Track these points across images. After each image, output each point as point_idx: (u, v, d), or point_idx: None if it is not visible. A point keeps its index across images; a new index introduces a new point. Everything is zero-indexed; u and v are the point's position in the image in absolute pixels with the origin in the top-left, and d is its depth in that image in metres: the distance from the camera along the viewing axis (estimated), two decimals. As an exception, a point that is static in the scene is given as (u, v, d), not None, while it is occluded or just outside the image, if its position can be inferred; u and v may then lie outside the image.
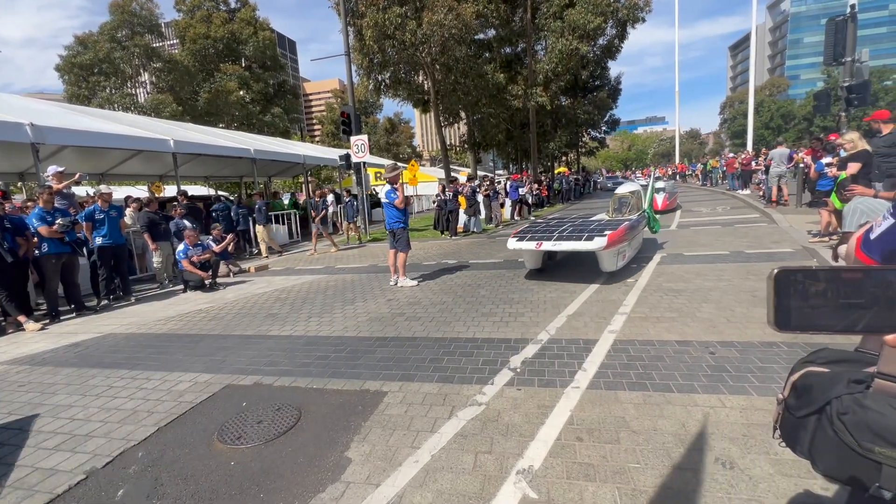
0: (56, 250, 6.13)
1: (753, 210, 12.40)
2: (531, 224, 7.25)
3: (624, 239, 5.89)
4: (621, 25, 21.68)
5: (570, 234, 5.86)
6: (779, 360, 3.19)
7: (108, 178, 14.14)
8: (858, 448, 0.82)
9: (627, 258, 6.34)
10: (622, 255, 6.06)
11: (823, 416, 0.89)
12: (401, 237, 6.71)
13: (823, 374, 0.96)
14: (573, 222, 6.87)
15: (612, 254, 5.74)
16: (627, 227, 6.04)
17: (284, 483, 2.29)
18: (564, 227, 6.43)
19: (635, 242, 6.84)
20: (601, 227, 6.08)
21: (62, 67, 32.90)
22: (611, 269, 5.91)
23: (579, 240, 5.59)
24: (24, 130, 7.09)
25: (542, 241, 5.82)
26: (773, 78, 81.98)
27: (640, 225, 7.02)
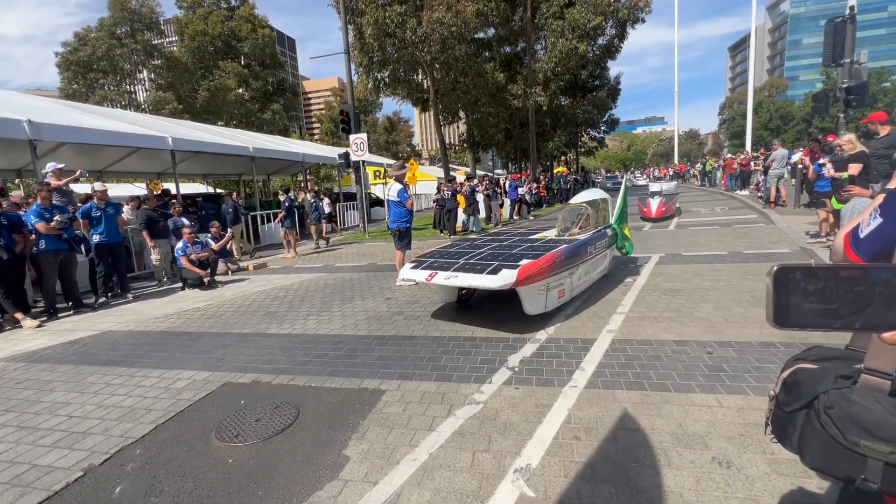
0: (54, 247, 6.12)
1: (752, 210, 12.44)
2: (451, 244, 5.68)
3: (552, 270, 4.31)
4: (621, 25, 21.71)
5: (479, 262, 4.43)
6: (776, 360, 3.21)
7: (106, 176, 14.11)
8: (844, 441, 0.84)
9: (569, 294, 4.75)
10: (558, 291, 4.52)
11: (811, 410, 0.92)
12: (405, 236, 6.72)
13: (812, 370, 0.98)
14: (503, 241, 5.54)
15: (534, 291, 4.21)
16: (561, 254, 4.48)
17: (282, 481, 2.29)
18: (483, 250, 5.01)
19: (588, 269, 5.17)
20: (525, 252, 4.67)
21: (61, 64, 32.80)
22: (534, 311, 4.32)
23: (482, 271, 4.11)
24: (22, 127, 7.06)
25: (437, 271, 4.35)
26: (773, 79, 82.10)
27: (594, 246, 5.22)
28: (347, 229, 16.48)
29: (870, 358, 0.86)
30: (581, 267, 4.91)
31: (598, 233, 5.56)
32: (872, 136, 6.44)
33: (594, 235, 5.42)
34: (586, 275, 5.16)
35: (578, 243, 4.94)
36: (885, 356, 0.84)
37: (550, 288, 4.38)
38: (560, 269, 4.42)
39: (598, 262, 5.47)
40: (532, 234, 6.12)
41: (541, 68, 21.14)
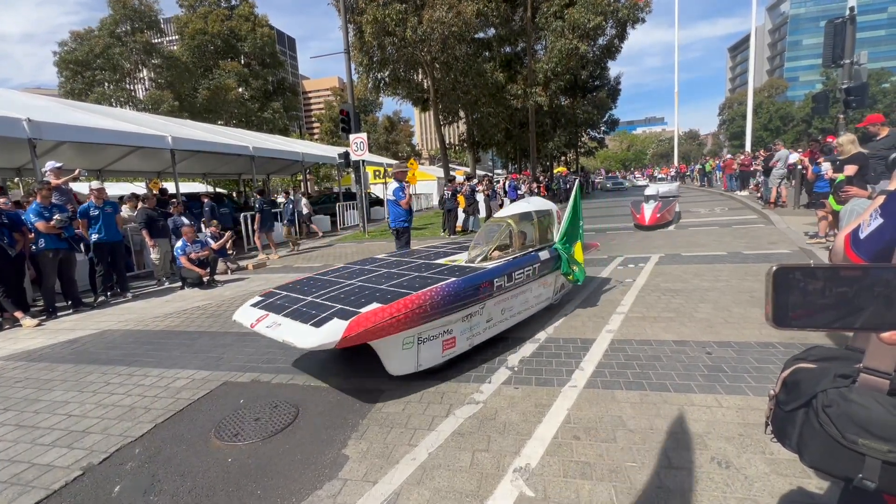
0: (53, 246, 6.11)
1: (751, 211, 12.44)
2: (329, 270, 4.66)
3: (422, 316, 3.10)
4: (621, 25, 21.70)
5: (325, 302, 3.34)
6: (775, 360, 3.21)
7: (105, 175, 14.11)
8: (843, 440, 0.85)
9: (468, 342, 3.57)
10: (442, 342, 3.34)
11: (810, 409, 0.92)
12: (404, 236, 6.72)
13: (812, 369, 0.99)
14: (402, 265, 4.33)
15: (394, 345, 3.07)
16: (441, 293, 3.25)
17: (282, 480, 2.29)
18: (355, 281, 3.86)
19: (508, 305, 3.96)
20: (411, 284, 3.53)
21: (59, 63, 32.77)
22: (399, 370, 3.18)
23: (309, 320, 3.02)
24: (22, 126, 7.05)
25: (269, 314, 3.34)
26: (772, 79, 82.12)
27: (514, 275, 3.91)
28: (347, 228, 16.48)
29: (868, 357, 0.86)
30: (490, 305, 3.69)
31: (523, 257, 4.19)
32: (872, 137, 6.45)
33: (517, 261, 4.09)
34: (504, 313, 3.92)
35: (481, 274, 3.65)
36: (884, 355, 0.84)
37: (425, 339, 3.21)
38: (440, 312, 3.20)
39: (528, 294, 4.23)
40: (453, 253, 4.88)
41: (541, 68, 21.14)
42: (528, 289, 4.18)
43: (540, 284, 4.41)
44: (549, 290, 4.65)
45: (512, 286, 3.89)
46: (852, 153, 5.99)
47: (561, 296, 4.95)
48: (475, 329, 3.63)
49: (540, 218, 4.81)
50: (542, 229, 4.77)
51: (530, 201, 5.30)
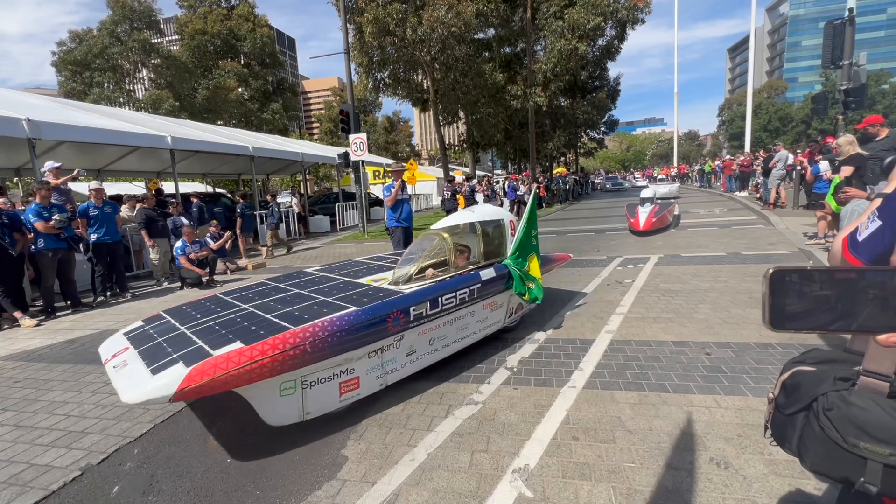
0: (52, 246, 6.11)
1: (751, 212, 12.45)
2: (227, 292, 3.91)
3: (299, 359, 2.52)
4: (621, 26, 21.75)
5: (176, 341, 2.71)
6: (774, 360, 3.21)
7: (105, 174, 14.10)
8: (844, 443, 0.84)
9: (380, 381, 2.99)
10: (339, 384, 2.77)
11: (810, 412, 0.92)
12: (394, 234, 6.73)
13: (811, 372, 0.98)
14: (316, 286, 3.70)
15: (269, 391, 2.52)
16: (328, 328, 2.66)
17: (280, 481, 2.29)
18: (245, 307, 3.25)
19: (441, 333, 3.36)
20: (313, 311, 2.93)
21: (57, 63, 32.75)
22: (277, 420, 2.60)
23: (152, 363, 2.43)
24: (21, 125, 7.04)
25: (129, 348, 2.76)
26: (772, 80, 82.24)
27: (447, 298, 3.31)
28: (347, 229, 16.47)
29: (868, 360, 0.86)
30: (412, 335, 3.10)
31: (458, 278, 3.52)
32: (871, 138, 6.46)
33: (449, 282, 3.43)
34: (434, 343, 3.30)
35: (391, 302, 3.00)
36: (884, 358, 0.84)
37: (313, 382, 2.62)
38: (330, 351, 2.61)
39: (469, 319, 3.57)
40: (383, 269, 4.24)
41: (540, 69, 21.17)
42: (467, 313, 3.55)
43: (485, 307, 3.74)
44: (500, 313, 3.97)
45: (441, 313, 3.27)
46: (850, 154, 6.00)
47: (519, 317, 4.34)
48: (390, 365, 3.02)
49: (486, 230, 4.14)
50: (490, 243, 4.11)
51: (476, 210, 4.42)
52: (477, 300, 3.59)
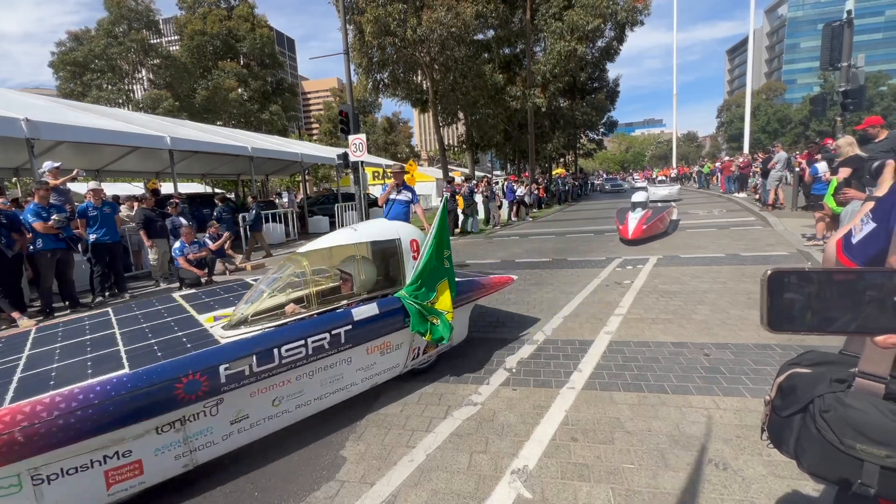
0: (51, 246, 6.09)
1: (749, 213, 12.47)
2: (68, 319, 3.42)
3: (19, 446, 1.80)
4: (620, 27, 21.78)
5: None
6: (772, 362, 3.22)
7: (103, 175, 14.09)
8: (841, 445, 0.84)
9: (165, 469, 2.20)
10: (90, 479, 2.00)
11: (807, 414, 0.92)
12: None
13: (807, 374, 0.98)
14: (92, 335, 2.85)
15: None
16: (65, 404, 1.94)
17: (279, 482, 2.29)
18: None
19: (294, 389, 2.63)
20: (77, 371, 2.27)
21: (56, 64, 32.70)
22: None
23: None
24: (20, 125, 7.03)
25: None
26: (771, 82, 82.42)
27: (269, 352, 2.46)
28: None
29: (864, 362, 0.86)
30: (238, 398, 2.38)
31: (313, 320, 2.74)
32: (871, 140, 6.47)
33: (302, 326, 2.67)
34: (280, 404, 2.56)
35: (186, 361, 2.27)
36: (879, 360, 0.84)
37: (55, 475, 1.92)
38: (82, 430, 1.93)
39: (341, 369, 2.82)
40: (244, 296, 3.17)
41: (539, 70, 21.20)
42: (337, 361, 2.78)
43: (371, 350, 2.98)
44: (399, 355, 3.18)
45: (282, 368, 2.50)
46: (849, 155, 6.01)
47: (433, 356, 3.55)
48: (201, 439, 2.27)
49: (375, 252, 3.38)
50: (380, 269, 3.36)
51: (361, 227, 3.54)
52: (349, 346, 2.80)
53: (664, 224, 9.81)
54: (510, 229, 13.80)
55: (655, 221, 9.25)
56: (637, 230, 8.91)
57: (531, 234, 12.19)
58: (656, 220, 9.32)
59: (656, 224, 9.30)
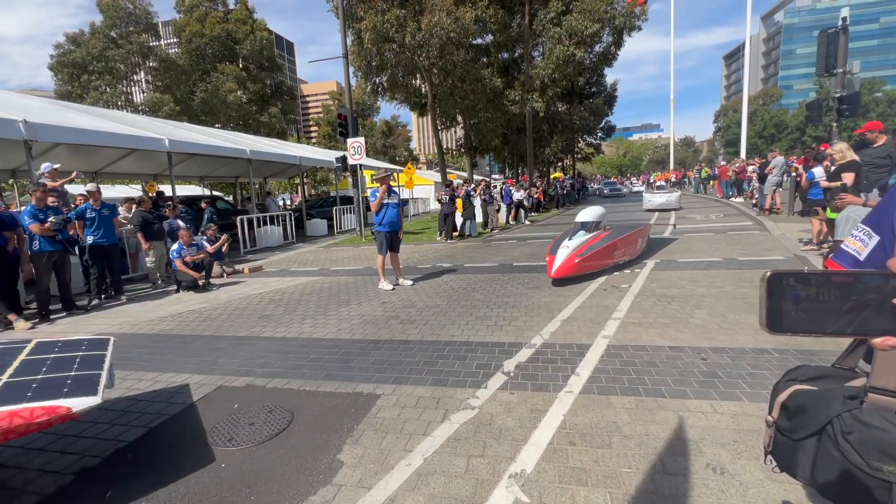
0: (48, 248, 6.07)
1: (746, 218, 12.53)
2: None
3: None
4: (618, 33, 21.93)
5: None
6: (770, 366, 3.22)
7: (101, 177, 14.05)
8: (867, 468, 0.79)
9: None
10: None
11: (825, 436, 0.86)
12: (377, 239, 6.85)
13: (813, 392, 0.93)
14: None
15: None
16: None
17: (275, 485, 2.27)
18: None
19: None
20: None
21: (54, 66, 32.67)
22: None
23: None
24: (17, 127, 7.02)
25: None
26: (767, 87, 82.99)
27: None
28: (344, 232, 16.46)
29: (875, 376, 0.83)
30: None
31: None
32: (867, 144, 6.52)
33: None
34: None
35: None
36: (891, 374, 0.80)
37: None
38: None
39: None
40: None
41: (538, 74, 21.30)
42: None
43: None
44: None
45: None
46: (846, 161, 6.05)
47: None
48: None
49: None
50: None
51: None
52: None
53: (621, 255, 7.02)
54: (508, 233, 13.82)
55: (602, 251, 6.56)
56: (567, 266, 6.17)
57: (529, 237, 12.20)
58: (604, 248, 6.60)
59: (602, 255, 6.58)
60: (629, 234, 7.27)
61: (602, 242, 6.72)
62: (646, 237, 8.25)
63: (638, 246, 7.69)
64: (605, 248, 6.65)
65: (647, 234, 8.33)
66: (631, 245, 7.33)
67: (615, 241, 6.85)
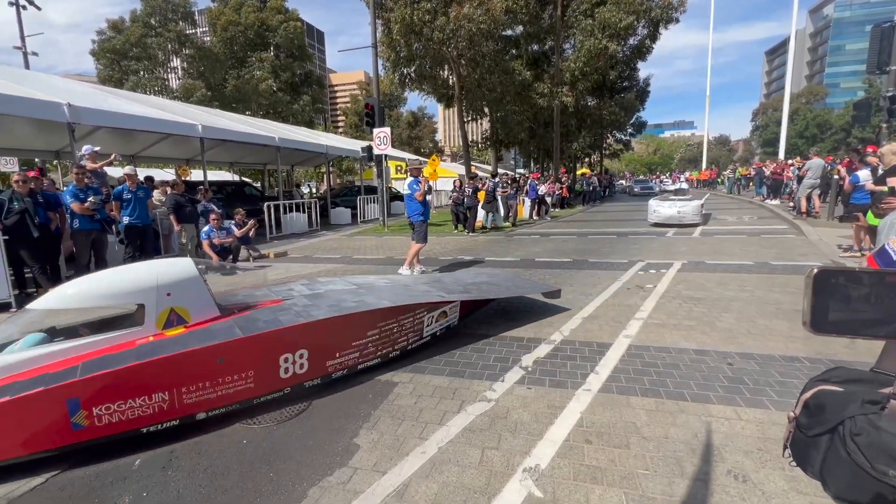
0: (87, 227, 6.37)
1: (782, 221, 12.02)
2: None
3: None
4: (653, 25, 21.20)
5: None
6: (800, 375, 3.10)
7: (137, 160, 14.57)
8: (872, 471, 0.79)
9: None
10: None
11: (836, 436, 0.87)
12: (419, 229, 6.85)
13: (837, 392, 0.93)
14: None
15: None
16: None
17: (294, 464, 2.34)
18: None
19: None
20: None
21: (96, 52, 33.93)
22: None
23: None
24: (62, 110, 7.34)
25: None
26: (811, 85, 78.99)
27: None
28: (367, 222, 16.63)
29: None
30: None
31: None
32: None
33: None
34: None
35: None
36: None
37: None
38: None
39: None
40: None
41: (568, 67, 20.85)
42: None
43: None
44: None
45: None
46: (893, 164, 5.72)
47: None
48: None
49: None
50: None
51: None
52: None
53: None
54: (530, 228, 13.68)
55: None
56: None
57: (552, 233, 12.05)
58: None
59: None
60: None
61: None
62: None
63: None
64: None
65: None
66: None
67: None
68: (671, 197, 14.38)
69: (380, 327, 3.34)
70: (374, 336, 3.34)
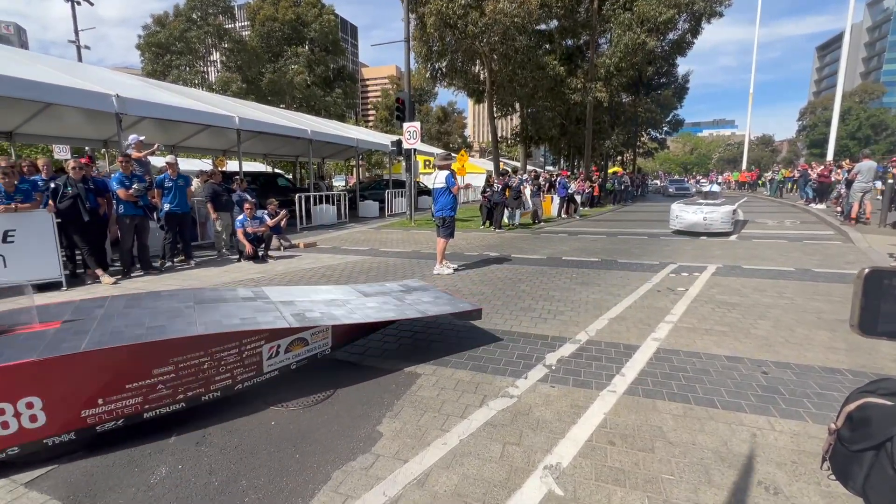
0: (130, 212, 6.71)
1: (827, 226, 11.41)
2: None
3: None
4: (695, 19, 20.38)
5: None
6: (841, 388, 2.95)
7: (177, 151, 15.19)
8: None
9: None
10: None
11: (882, 452, 0.82)
12: (449, 224, 6.83)
13: (884, 406, 0.88)
14: None
15: None
16: None
17: (319, 448, 2.41)
18: None
19: None
20: None
21: (142, 46, 35.45)
22: None
23: None
24: (111, 101, 7.74)
25: None
26: (866, 83, 74.14)
27: None
28: (395, 215, 16.79)
29: None
30: None
31: None
32: None
33: None
34: None
35: None
36: None
37: None
38: None
39: None
40: None
41: (603, 63, 20.31)
42: None
43: None
44: None
45: None
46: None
47: None
48: None
49: None
50: None
51: None
52: None
53: None
54: (558, 226, 13.48)
55: None
56: None
57: (580, 232, 11.84)
58: None
59: None
60: None
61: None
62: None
63: None
64: None
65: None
66: None
67: None
68: (698, 201, 12.52)
69: (175, 363, 2.52)
70: (167, 375, 2.50)
